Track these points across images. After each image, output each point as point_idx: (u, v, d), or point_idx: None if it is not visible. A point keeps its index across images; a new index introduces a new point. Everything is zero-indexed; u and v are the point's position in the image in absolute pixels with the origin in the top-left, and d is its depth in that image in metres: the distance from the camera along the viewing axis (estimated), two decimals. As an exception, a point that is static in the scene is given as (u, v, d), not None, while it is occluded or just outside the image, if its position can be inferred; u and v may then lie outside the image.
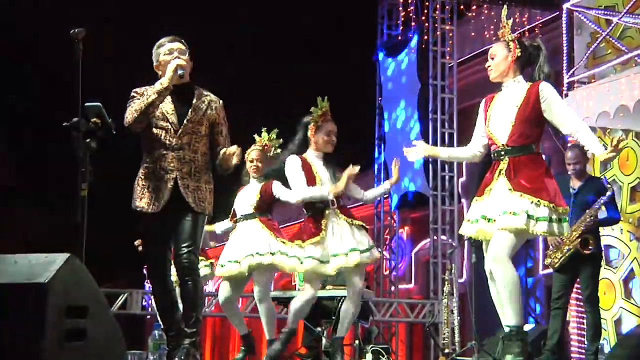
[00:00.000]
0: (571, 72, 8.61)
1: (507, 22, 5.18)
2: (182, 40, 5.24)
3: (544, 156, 11.94)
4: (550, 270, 7.55)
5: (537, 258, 12.98)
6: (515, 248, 4.92)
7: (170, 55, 5.11)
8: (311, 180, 6.14)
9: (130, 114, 4.98)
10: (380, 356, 9.37)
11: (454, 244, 13.66)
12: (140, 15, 21.61)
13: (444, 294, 10.88)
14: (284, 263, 6.71)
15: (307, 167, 6.19)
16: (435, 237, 13.78)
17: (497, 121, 5.09)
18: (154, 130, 5.06)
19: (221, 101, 5.29)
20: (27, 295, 3.20)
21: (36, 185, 22.84)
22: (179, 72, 5.02)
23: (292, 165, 6.21)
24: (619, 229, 8.96)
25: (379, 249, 14.52)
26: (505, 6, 5.29)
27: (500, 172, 4.99)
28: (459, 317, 11.02)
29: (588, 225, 6.97)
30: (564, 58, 8.80)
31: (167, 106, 5.10)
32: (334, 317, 8.63)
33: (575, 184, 7.23)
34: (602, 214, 7.22)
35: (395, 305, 13.30)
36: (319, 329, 8.95)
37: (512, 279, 4.86)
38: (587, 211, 7.01)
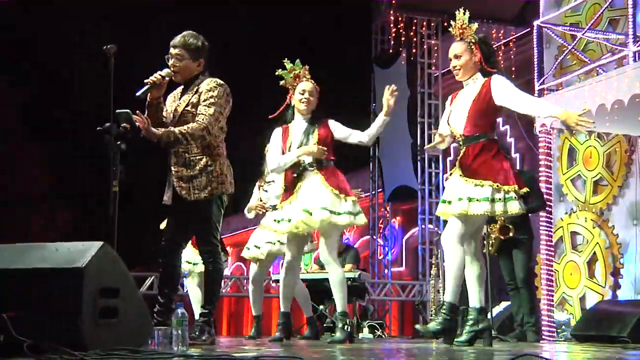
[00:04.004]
0: (541, 80, 8.59)
1: (471, 25, 5.04)
2: (178, 39, 4.90)
3: (517, 155, 11.98)
4: None
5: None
6: (467, 232, 4.84)
7: (169, 62, 4.88)
8: (284, 148, 5.63)
9: None
10: (375, 330, 9.39)
11: (439, 232, 13.66)
12: (139, 13, 21.39)
13: (431, 276, 10.89)
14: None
15: (285, 136, 5.68)
16: (423, 226, 13.80)
17: (455, 115, 5.01)
18: None
19: (214, 82, 4.85)
20: (66, 278, 3.21)
21: (75, 185, 22.84)
22: (163, 73, 4.76)
23: (272, 137, 5.77)
24: (583, 217, 8.97)
25: (374, 237, 14.62)
26: (463, 9, 5.13)
27: (458, 159, 4.92)
28: (444, 296, 11.03)
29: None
30: (535, 68, 8.79)
31: (174, 106, 4.95)
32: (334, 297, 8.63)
33: None
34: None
35: (388, 286, 13.31)
36: (321, 307, 8.96)
37: (458, 264, 4.83)
38: None
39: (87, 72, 19.85)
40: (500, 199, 4.71)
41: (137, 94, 4.75)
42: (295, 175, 5.56)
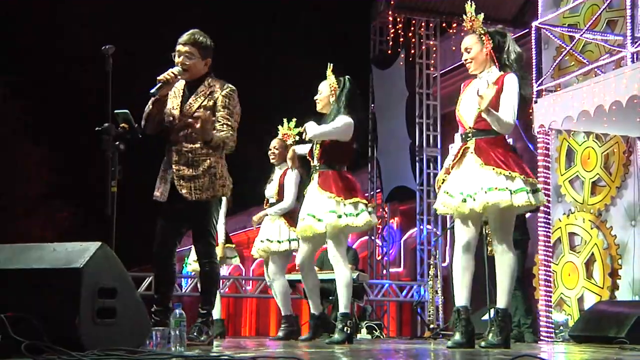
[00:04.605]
0: (540, 81, 8.59)
1: (478, 17, 4.92)
2: (188, 37, 4.88)
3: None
4: None
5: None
6: (512, 226, 4.75)
7: (176, 59, 4.86)
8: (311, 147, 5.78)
9: (142, 121, 4.89)
10: (374, 331, 9.38)
11: (438, 233, 13.67)
12: (139, 13, 21.39)
13: (430, 276, 10.90)
14: (293, 247, 6.70)
15: None
16: (421, 227, 13.81)
17: (466, 106, 4.87)
18: (165, 126, 4.92)
19: (229, 89, 4.88)
20: (64, 278, 3.21)
21: (74, 186, 22.82)
22: (175, 71, 4.78)
23: None
24: (581, 218, 8.98)
25: (373, 238, 14.61)
26: (470, 2, 5.04)
27: (467, 150, 4.76)
28: (442, 297, 11.04)
29: None
30: (534, 69, 8.78)
31: (175, 102, 4.92)
32: (331, 298, 8.60)
33: None
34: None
35: (386, 286, 13.32)
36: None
37: (514, 265, 4.72)
38: None
39: (86, 73, 19.84)
40: (530, 191, 4.62)
41: (151, 91, 4.76)
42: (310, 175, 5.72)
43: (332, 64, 5.82)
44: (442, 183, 4.97)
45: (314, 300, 5.92)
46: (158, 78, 4.76)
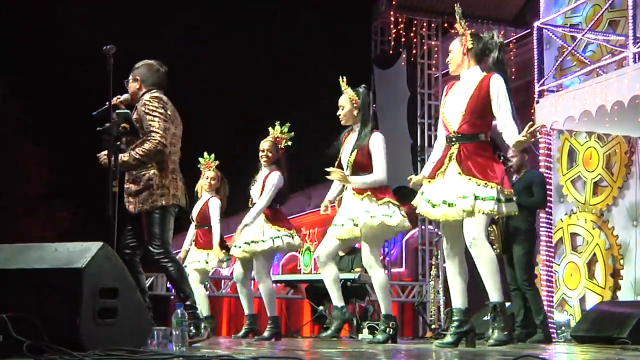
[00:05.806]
0: (541, 82, 8.60)
1: (459, 19, 4.94)
2: (134, 69, 5.20)
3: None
4: None
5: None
6: (487, 227, 4.80)
7: None
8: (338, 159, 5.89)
9: None
10: (375, 331, 9.38)
11: (439, 233, 13.67)
12: (139, 13, 21.37)
13: (431, 276, 10.91)
14: (277, 244, 6.70)
15: (343, 143, 5.92)
16: (423, 227, 13.81)
17: (450, 109, 4.87)
18: None
19: (148, 95, 5.02)
20: (66, 278, 3.22)
21: (74, 185, 22.81)
22: (122, 98, 5.06)
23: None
24: (583, 218, 8.98)
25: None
26: (457, 4, 5.09)
27: (450, 157, 4.79)
28: (444, 297, 11.04)
29: None
30: (535, 69, 8.78)
31: None
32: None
33: (513, 177, 7.30)
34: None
35: (388, 286, 13.31)
36: (320, 307, 8.95)
37: (491, 258, 4.69)
38: None
39: (86, 73, 19.86)
40: (503, 200, 4.65)
41: (93, 114, 4.78)
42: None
43: (344, 77, 5.90)
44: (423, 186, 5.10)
45: (335, 292, 5.95)
46: (106, 103, 4.93)
